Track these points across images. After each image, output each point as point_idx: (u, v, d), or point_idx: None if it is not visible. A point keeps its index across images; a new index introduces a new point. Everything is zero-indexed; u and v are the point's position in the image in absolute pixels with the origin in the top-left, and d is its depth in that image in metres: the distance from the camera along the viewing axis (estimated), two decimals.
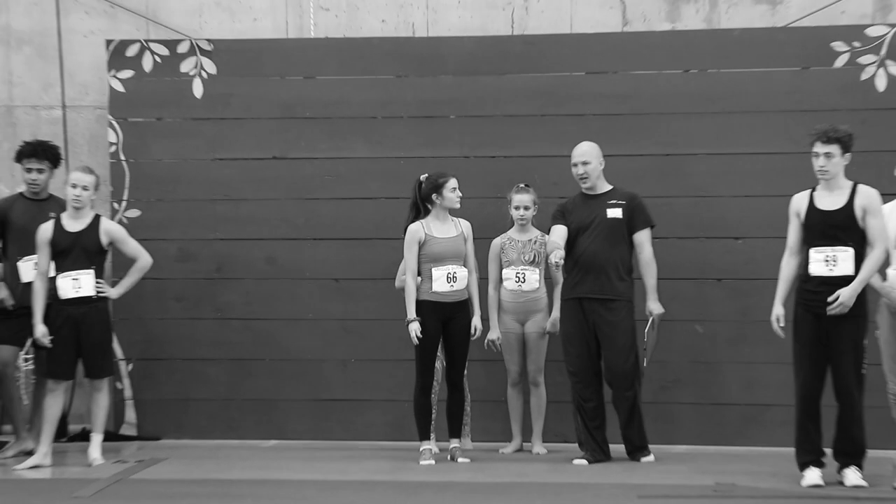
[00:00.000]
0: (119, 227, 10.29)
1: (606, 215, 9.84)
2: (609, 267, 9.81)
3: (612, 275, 9.81)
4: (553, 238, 9.82)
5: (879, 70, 10.45)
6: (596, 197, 9.93)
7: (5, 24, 11.72)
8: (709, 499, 8.68)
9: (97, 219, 10.06)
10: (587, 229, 9.84)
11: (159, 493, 9.00)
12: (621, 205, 9.85)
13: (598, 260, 9.80)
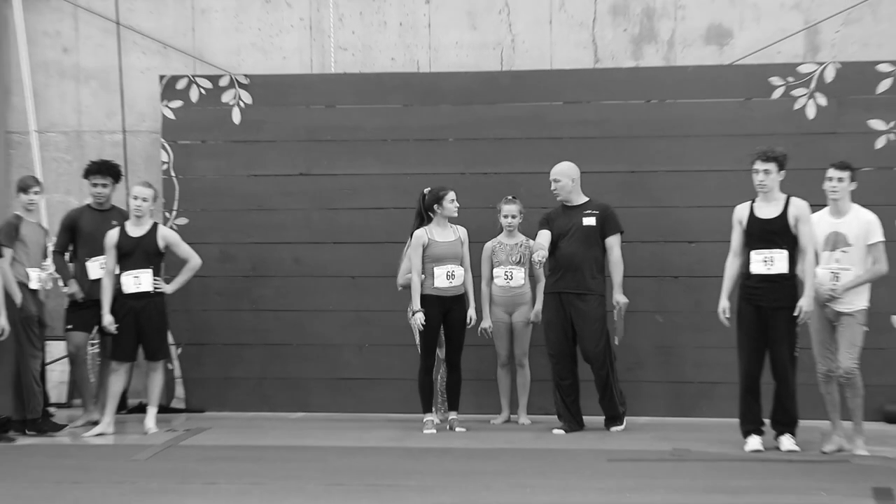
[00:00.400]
0: (174, 232, 10.35)
1: (582, 223, 9.86)
2: (584, 266, 9.84)
3: (586, 273, 9.85)
4: (539, 241, 9.84)
5: (809, 101, 10.46)
6: (574, 207, 9.95)
7: (75, 63, 11.73)
8: (667, 462, 8.76)
9: (155, 226, 10.15)
10: (566, 235, 9.87)
11: (204, 457, 9.09)
12: (595, 214, 9.87)
13: (574, 260, 9.84)
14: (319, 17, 11.49)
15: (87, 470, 8.70)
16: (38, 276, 10.12)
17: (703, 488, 7.87)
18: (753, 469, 8.53)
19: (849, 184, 9.09)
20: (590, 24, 11.24)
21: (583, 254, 9.88)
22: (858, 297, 9.07)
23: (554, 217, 10.01)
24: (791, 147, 9.36)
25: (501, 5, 11.34)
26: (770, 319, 9.03)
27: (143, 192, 10.06)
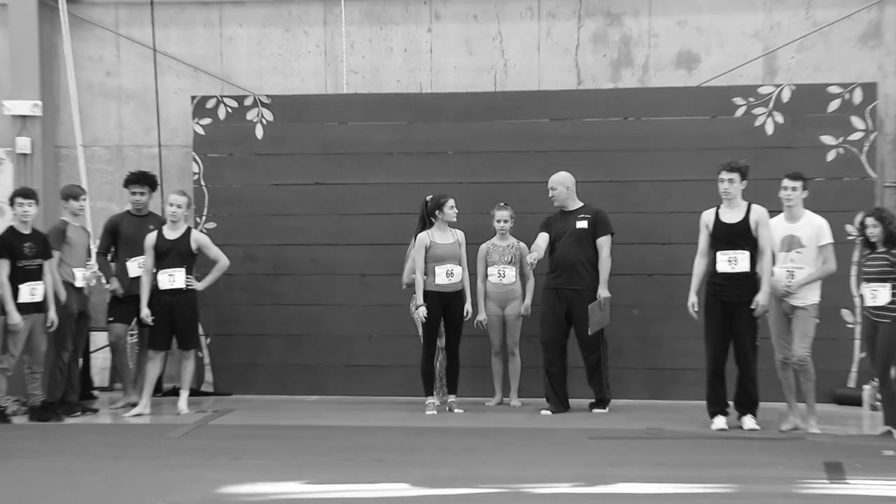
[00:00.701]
0: (205, 236, 10.35)
1: (575, 226, 9.90)
2: (578, 265, 9.86)
3: (580, 270, 9.87)
4: (537, 242, 9.89)
5: (768, 119, 10.48)
6: (569, 212, 9.97)
7: (117, 85, 11.74)
8: (642, 440, 8.81)
9: (189, 230, 10.17)
10: (562, 237, 9.90)
11: (230, 435, 9.16)
12: (587, 218, 9.89)
13: (569, 259, 9.87)
14: (333, 44, 11.49)
15: (126, 446, 8.73)
16: (83, 275, 10.14)
17: (675, 463, 7.92)
18: (719, 446, 8.57)
19: (801, 192, 9.15)
20: (573, 51, 11.24)
21: (576, 254, 9.90)
22: (811, 292, 9.12)
23: (552, 221, 10.03)
24: (752, 160, 9.37)
25: (495, 33, 11.33)
26: (734, 313, 9.07)
27: (178, 200, 10.10)
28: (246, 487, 7.35)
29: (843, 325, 10.24)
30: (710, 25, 11.06)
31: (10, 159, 11.71)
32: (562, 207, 10.03)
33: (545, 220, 10.08)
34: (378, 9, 11.49)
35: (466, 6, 11.39)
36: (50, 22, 11.65)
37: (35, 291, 9.74)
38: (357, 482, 7.45)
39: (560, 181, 10.01)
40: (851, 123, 10.39)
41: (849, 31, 10.86)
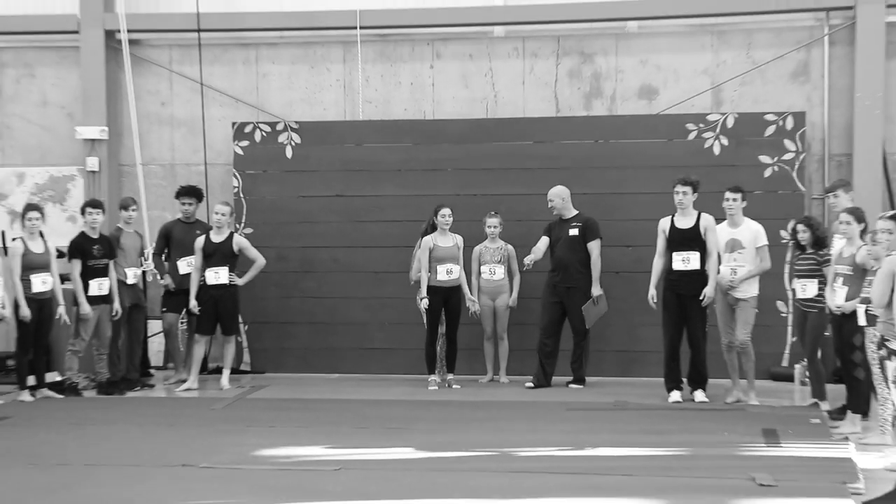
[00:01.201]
0: (245, 240, 10.31)
1: (569, 233, 9.90)
2: (571, 266, 9.85)
3: (572, 271, 9.85)
4: (538, 246, 9.90)
5: (715, 142, 10.45)
6: (566, 220, 9.95)
7: (170, 113, 11.71)
8: (611, 410, 8.81)
9: (232, 234, 10.15)
10: (559, 241, 9.89)
11: (265, 406, 9.17)
12: (579, 226, 9.89)
13: (564, 261, 9.86)
14: (351, 79, 11.46)
15: (177, 416, 8.76)
16: (134, 273, 10.13)
17: (638, 430, 7.94)
18: (675, 416, 8.58)
19: (741, 203, 9.17)
20: (552, 84, 11.21)
21: (570, 256, 9.87)
22: (751, 287, 9.12)
23: (552, 227, 10.01)
24: (701, 176, 9.35)
25: (486, 69, 11.30)
26: (687, 304, 9.06)
27: (222, 209, 10.07)
28: (278, 450, 7.37)
29: (778, 314, 10.22)
30: (667, 64, 11.03)
31: (81, 176, 11.69)
32: (560, 216, 9.99)
33: (547, 226, 10.05)
34: (388, 49, 11.46)
35: (463, 47, 11.36)
36: (115, 61, 11.62)
37: (102, 286, 9.78)
38: (370, 447, 7.46)
39: (557, 194, 9.98)
40: (784, 146, 10.37)
41: (782, 69, 10.84)
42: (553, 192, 10.00)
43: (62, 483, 6.54)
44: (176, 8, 11.51)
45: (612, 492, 6.16)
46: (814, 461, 6.92)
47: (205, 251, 9.98)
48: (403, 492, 6.20)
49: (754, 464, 6.79)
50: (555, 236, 9.96)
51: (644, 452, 7.21)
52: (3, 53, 11.93)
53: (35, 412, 8.97)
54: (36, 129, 11.90)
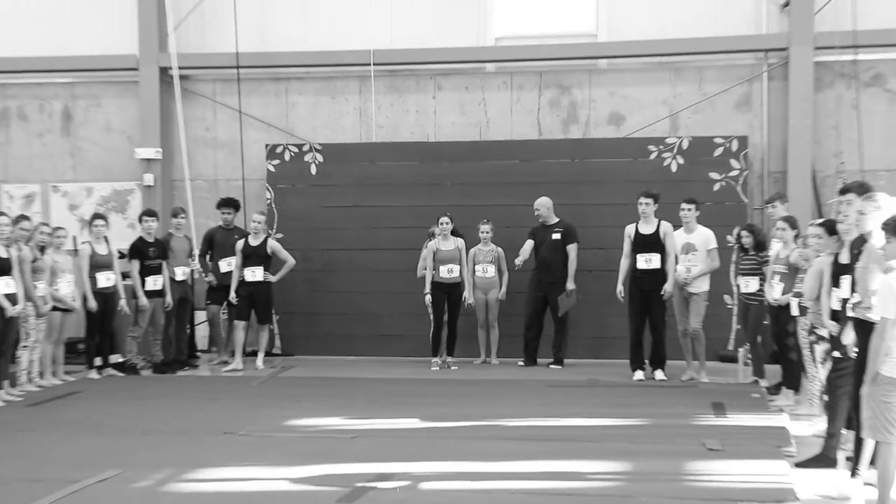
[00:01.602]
0: (278, 244, 10.27)
1: (552, 237, 9.89)
2: (553, 265, 9.84)
3: (554, 269, 9.84)
4: (524, 248, 9.88)
5: (672, 161, 10.44)
6: (549, 226, 9.93)
7: (214, 137, 11.68)
8: (584, 387, 8.80)
9: (266, 238, 10.13)
10: (543, 244, 9.87)
11: (294, 384, 9.15)
12: (560, 231, 9.89)
13: (547, 261, 9.85)
14: (366, 107, 11.44)
15: (220, 391, 8.77)
16: (182, 271, 10.11)
17: (608, 404, 7.94)
18: (638, 391, 8.60)
19: (695, 212, 9.18)
20: (536, 112, 11.19)
21: (552, 257, 9.86)
22: (702, 283, 9.14)
23: (537, 232, 9.98)
24: (660, 190, 9.36)
25: (480, 100, 11.28)
26: (649, 297, 9.08)
27: (259, 217, 10.07)
28: (304, 421, 7.38)
29: (725, 306, 10.22)
30: (632, 95, 11.02)
31: (138, 189, 11.69)
32: (544, 222, 9.98)
33: (532, 231, 10.01)
34: (397, 82, 11.45)
35: (460, 81, 11.35)
36: (168, 93, 11.62)
37: (156, 282, 9.80)
38: (382, 418, 7.48)
39: (543, 203, 9.97)
40: (731, 164, 10.36)
41: (728, 100, 10.83)
42: (539, 201, 9.99)
43: (123, 447, 6.57)
44: (219, 48, 11.50)
45: (583, 455, 6.18)
46: (754, 429, 6.94)
47: (244, 253, 9.97)
48: (410, 456, 6.22)
49: (704, 432, 6.81)
50: (539, 239, 9.94)
51: (612, 422, 7.22)
52: (75, 87, 11.96)
53: (101, 388, 9.00)
54: (101, 151, 11.90)
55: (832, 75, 10.57)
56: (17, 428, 7.27)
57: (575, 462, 6.02)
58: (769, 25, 10.69)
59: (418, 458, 6.16)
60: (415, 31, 11.27)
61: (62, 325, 9.22)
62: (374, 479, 5.68)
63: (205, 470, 5.95)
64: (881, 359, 4.83)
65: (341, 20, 11.39)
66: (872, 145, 10.35)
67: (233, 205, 10.63)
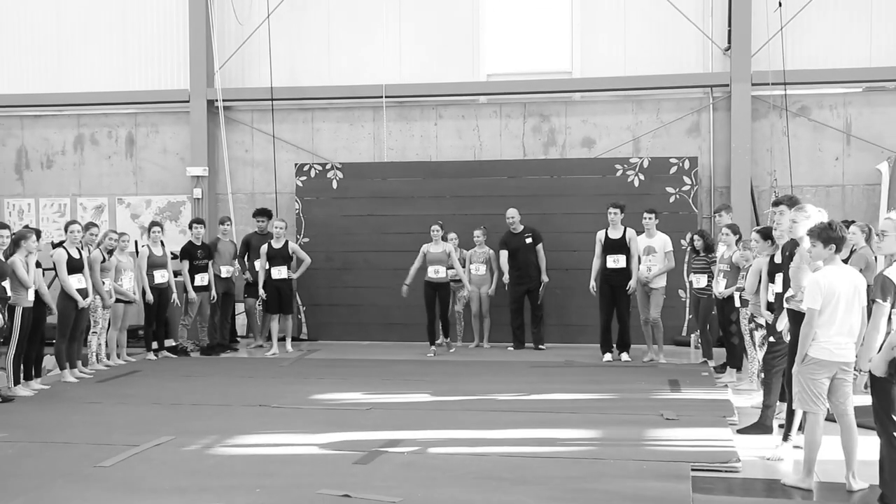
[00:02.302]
0: (297, 245, 10.22)
1: (525, 241, 9.86)
2: (529, 265, 9.81)
3: (530, 269, 9.82)
4: (502, 261, 9.83)
5: (635, 177, 10.37)
6: (518, 233, 9.90)
7: (251, 157, 11.62)
8: (562, 367, 8.74)
9: (287, 242, 10.02)
10: (518, 249, 9.81)
11: (318, 365, 9.11)
12: (530, 234, 9.86)
13: (523, 263, 9.81)
14: (379, 132, 11.39)
15: (255, 371, 8.74)
16: (227, 270, 10.06)
17: (582, 381, 7.90)
18: (607, 371, 8.55)
19: (655, 220, 9.15)
20: (521, 136, 11.14)
21: (527, 258, 9.84)
22: (661, 280, 9.10)
23: (508, 240, 9.92)
24: (626, 202, 9.33)
25: (474, 126, 11.23)
26: (616, 292, 9.06)
27: (280, 224, 9.96)
28: (327, 395, 7.36)
29: (679, 298, 10.18)
30: (601, 122, 10.98)
31: (189, 201, 11.65)
32: (513, 230, 9.95)
33: (502, 240, 9.91)
34: (405, 112, 11.40)
35: (457, 110, 11.30)
36: (213, 121, 11.57)
37: (203, 279, 9.77)
38: (393, 393, 7.46)
39: (515, 213, 9.96)
40: (683, 180, 10.31)
41: (682, 126, 10.80)
42: (512, 211, 9.93)
43: (177, 416, 6.57)
44: (256, 83, 11.47)
45: (561, 424, 6.18)
46: (703, 402, 6.92)
47: (269, 255, 9.91)
48: (416, 425, 6.21)
49: (662, 404, 6.80)
50: (513, 246, 9.87)
51: (585, 397, 7.21)
52: (138, 117, 11.93)
53: (157, 367, 8.98)
54: (158, 169, 11.87)
55: (766, 107, 10.56)
56: (88, 400, 7.27)
57: (554, 430, 6.02)
58: (714, 65, 10.68)
59: (423, 426, 6.15)
60: (420, 68, 11.24)
61: (125, 314, 9.20)
62: (386, 444, 5.66)
63: (244, 436, 5.93)
64: (809, 343, 4.83)
65: (359, 60, 11.37)
66: (800, 165, 10.37)
67: (266, 214, 10.59)
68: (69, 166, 12.05)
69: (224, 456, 5.50)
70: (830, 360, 4.79)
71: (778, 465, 5.32)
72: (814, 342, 4.81)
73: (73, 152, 12.05)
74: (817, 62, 10.37)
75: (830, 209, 9.79)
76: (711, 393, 7.32)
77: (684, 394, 7.30)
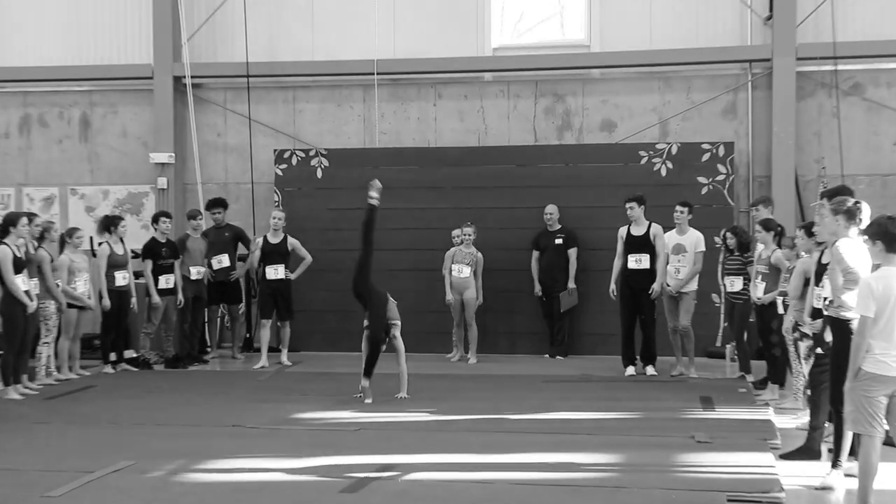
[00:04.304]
0: (297, 241, 10.13)
1: (555, 242, 10.00)
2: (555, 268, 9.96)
3: (556, 272, 9.96)
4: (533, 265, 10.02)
5: (662, 165, 10.35)
6: (551, 232, 10.05)
7: (224, 142, 11.61)
8: (578, 382, 8.73)
9: (286, 236, 9.99)
10: (546, 250, 9.99)
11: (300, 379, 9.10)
12: (562, 236, 9.99)
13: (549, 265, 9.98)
14: (370, 114, 11.39)
15: (229, 386, 8.71)
16: (197, 271, 10.04)
17: (601, 398, 7.89)
18: (630, 386, 8.54)
19: (688, 215, 9.13)
20: (532, 119, 11.14)
21: (555, 261, 9.96)
22: (691, 283, 9.08)
23: (539, 238, 10.06)
24: (650, 193, 9.29)
25: (478, 107, 11.23)
26: (639, 296, 9.04)
27: (279, 215, 9.92)
28: (310, 414, 7.35)
29: (713, 304, 10.12)
30: (624, 103, 10.96)
31: (153, 192, 11.63)
32: (549, 227, 10.04)
33: (534, 239, 10.07)
34: (400, 91, 11.40)
35: (459, 89, 11.29)
36: (181, 101, 11.55)
37: (169, 281, 9.74)
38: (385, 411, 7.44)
39: (554, 210, 10.04)
40: (717, 169, 10.30)
41: (715, 108, 10.78)
42: (552, 207, 10.06)
43: (136, 439, 6.53)
44: (229, 58, 11.46)
45: (577, 447, 6.15)
46: (741, 422, 6.91)
47: (263, 250, 9.82)
48: (412, 447, 6.18)
49: (693, 424, 6.78)
50: (542, 245, 9.98)
51: (605, 416, 7.19)
52: (94, 95, 11.90)
53: (115, 382, 8.96)
54: (118, 155, 11.84)
55: (813, 85, 10.53)
56: (35, 420, 7.24)
57: (570, 454, 5.98)
58: (753, 37, 10.64)
59: (420, 449, 6.12)
60: (416, 41, 11.21)
61: (78, 321, 9.17)
62: (378, 469, 5.63)
63: (214, 461, 5.90)
64: (862, 355, 4.79)
65: (346, 31, 11.33)
66: (852, 151, 10.32)
67: (222, 204, 10.54)
68: (13, 151, 12.00)
69: (192, 483, 5.47)
70: (889, 374, 4.76)
71: (827, 495, 5.30)
72: (868, 354, 4.78)
73: (17, 135, 12.00)
74: (872, 33, 10.32)
75: (888, 201, 9.79)
76: (750, 412, 7.30)
77: (718, 413, 7.28)
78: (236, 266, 10.41)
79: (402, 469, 5.65)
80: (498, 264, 10.35)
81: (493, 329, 10.26)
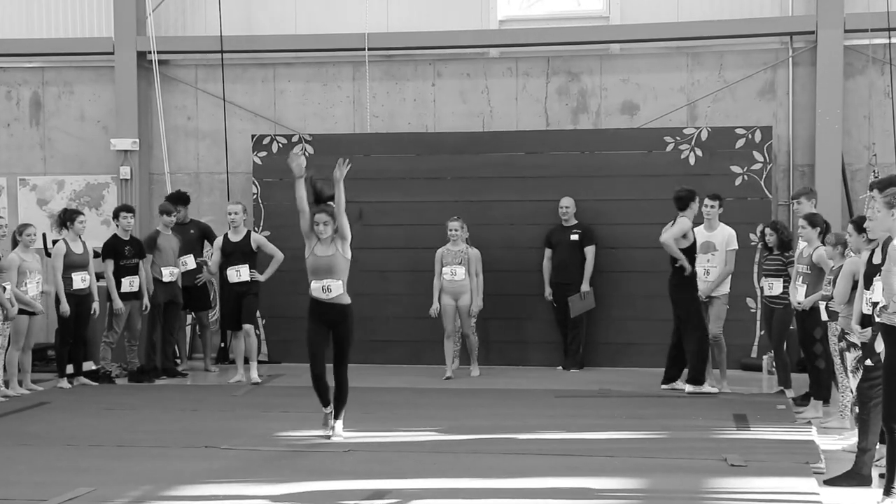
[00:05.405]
0: (262, 237, 10.11)
1: (570, 238, 10.06)
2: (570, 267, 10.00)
3: (571, 271, 10.01)
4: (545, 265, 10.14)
5: (690, 153, 10.36)
6: (566, 227, 10.12)
7: (195, 126, 11.61)
8: (595, 398, 8.75)
9: (249, 232, 9.89)
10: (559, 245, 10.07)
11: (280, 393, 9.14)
12: (579, 232, 10.05)
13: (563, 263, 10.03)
14: (360, 95, 11.40)
15: (201, 402, 8.74)
16: (170, 272, 10.04)
17: (621, 416, 7.88)
18: (653, 401, 8.52)
19: (718, 209, 9.12)
20: (543, 101, 11.15)
21: (569, 258, 10.02)
22: (722, 285, 9.07)
23: (553, 233, 10.14)
24: (678, 184, 9.28)
25: (483, 87, 11.24)
26: None
27: (235, 208, 9.77)
28: (293, 433, 7.36)
29: (748, 310, 10.17)
30: (647, 82, 10.97)
31: (114, 183, 11.62)
32: (564, 222, 10.10)
33: (547, 235, 10.15)
34: (394, 69, 11.42)
35: (461, 67, 11.31)
36: (146, 79, 11.56)
37: (133, 283, 9.73)
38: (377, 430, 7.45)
39: (570, 203, 10.11)
40: (753, 157, 10.31)
41: (750, 87, 10.78)
42: (568, 201, 10.12)
43: (96, 463, 6.53)
44: (201, 31, 11.47)
45: (594, 472, 6.15)
46: (780, 443, 6.92)
47: (224, 250, 9.76)
48: (407, 472, 6.19)
49: (726, 445, 6.78)
50: (555, 241, 10.05)
51: (625, 435, 7.19)
52: (46, 73, 11.91)
53: (72, 398, 8.96)
54: (74, 141, 11.85)
55: (864, 61, 10.52)
56: None
57: (586, 479, 5.99)
58: (795, 7, 10.64)
59: (416, 474, 6.13)
60: (413, 13, 11.22)
61: (30, 329, 9.17)
62: (369, 496, 5.64)
63: (184, 487, 5.90)
64: None
65: (334, 1, 11.33)
66: None
67: (183, 200, 10.57)
68: None
69: None
70: None
71: None
72: None
73: None
74: None
75: None
76: (790, 432, 7.31)
77: (754, 432, 7.29)
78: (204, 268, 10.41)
79: (396, 496, 5.65)
80: (504, 265, 10.38)
81: (498, 338, 10.29)
